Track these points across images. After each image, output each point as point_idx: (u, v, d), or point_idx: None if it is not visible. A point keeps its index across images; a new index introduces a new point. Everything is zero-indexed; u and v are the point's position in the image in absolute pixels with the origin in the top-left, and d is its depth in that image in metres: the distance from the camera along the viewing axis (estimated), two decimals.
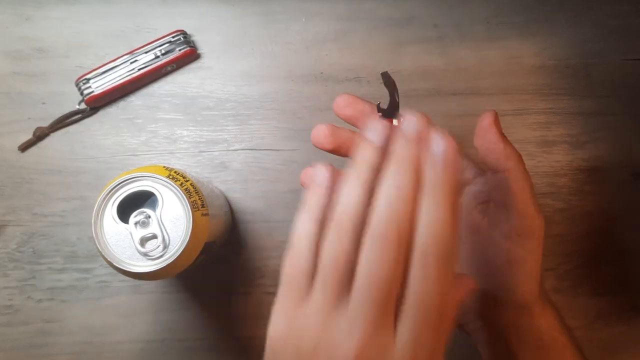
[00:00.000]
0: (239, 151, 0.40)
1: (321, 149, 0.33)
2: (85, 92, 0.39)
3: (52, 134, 0.40)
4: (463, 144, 0.33)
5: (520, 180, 0.29)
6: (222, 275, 0.39)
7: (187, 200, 0.27)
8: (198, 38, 0.42)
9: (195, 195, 0.28)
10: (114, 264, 0.26)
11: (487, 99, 0.42)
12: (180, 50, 0.40)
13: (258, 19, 0.42)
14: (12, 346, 0.37)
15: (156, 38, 0.40)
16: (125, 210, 0.27)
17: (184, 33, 0.41)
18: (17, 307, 0.37)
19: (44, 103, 0.40)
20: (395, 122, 0.31)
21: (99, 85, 0.39)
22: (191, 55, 0.41)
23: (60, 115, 0.39)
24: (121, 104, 0.41)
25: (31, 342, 0.37)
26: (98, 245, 0.26)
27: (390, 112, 0.32)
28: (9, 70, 0.40)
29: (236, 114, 0.41)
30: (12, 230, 0.38)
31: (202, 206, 0.29)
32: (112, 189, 0.27)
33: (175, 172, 0.29)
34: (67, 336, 0.37)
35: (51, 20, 0.41)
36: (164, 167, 0.29)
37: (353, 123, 0.33)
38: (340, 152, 0.33)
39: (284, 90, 0.41)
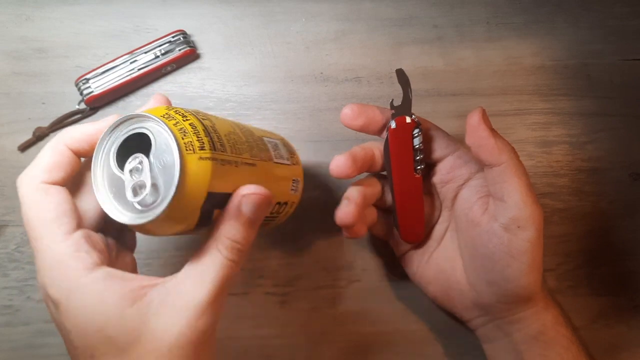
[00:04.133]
0: None
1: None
2: (85, 92, 0.39)
3: (51, 134, 0.40)
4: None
5: (515, 172, 0.29)
6: None
7: (176, 142, 0.23)
8: (198, 38, 0.42)
9: (192, 136, 0.24)
10: (107, 213, 0.24)
11: (486, 100, 0.42)
12: (180, 50, 0.40)
13: (258, 19, 0.42)
14: (12, 346, 0.37)
15: (156, 38, 0.40)
16: (126, 156, 0.24)
17: (183, 33, 0.41)
18: (17, 307, 0.37)
19: (43, 103, 0.40)
20: (408, 119, 0.31)
21: (98, 85, 0.39)
22: (191, 55, 0.41)
23: (60, 115, 0.39)
24: (121, 104, 0.40)
25: (31, 343, 0.37)
26: (96, 194, 0.24)
27: (403, 108, 0.32)
28: (9, 70, 0.40)
29: (236, 114, 0.41)
30: (12, 230, 0.38)
31: (202, 148, 0.24)
32: (107, 134, 0.24)
33: (175, 110, 0.25)
34: None
35: (51, 20, 0.41)
36: (166, 106, 0.26)
37: (366, 130, 0.33)
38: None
39: (284, 91, 0.41)
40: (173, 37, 0.40)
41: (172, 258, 0.38)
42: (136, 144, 0.24)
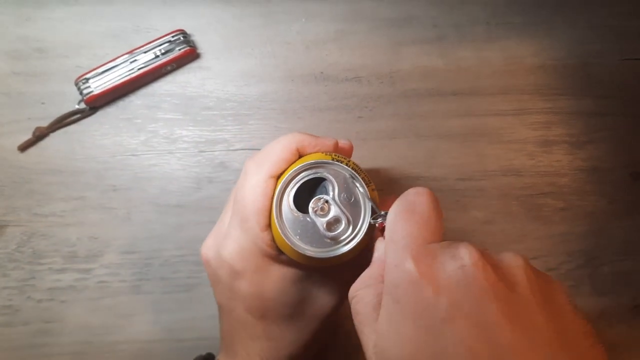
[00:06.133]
0: (239, 151, 0.40)
1: None
2: (85, 91, 0.39)
3: (51, 134, 0.40)
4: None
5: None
6: None
7: (363, 179, 0.26)
8: (198, 38, 0.42)
9: (362, 173, 0.27)
10: (315, 256, 0.26)
11: (487, 99, 0.42)
12: (179, 49, 0.40)
13: (258, 19, 0.42)
14: (12, 346, 0.37)
15: (156, 38, 0.40)
16: (295, 202, 0.27)
17: (183, 33, 0.41)
18: (17, 307, 0.37)
19: (43, 103, 0.40)
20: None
21: (98, 85, 0.39)
22: (191, 55, 0.41)
23: (59, 115, 0.39)
24: (121, 103, 0.40)
25: (31, 342, 0.37)
26: (293, 246, 0.26)
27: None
28: (9, 70, 0.40)
29: (236, 113, 0.41)
30: (12, 230, 0.38)
31: (370, 182, 0.27)
32: (285, 184, 0.26)
33: (335, 154, 0.28)
34: (67, 336, 0.37)
35: (51, 20, 0.41)
36: (323, 152, 0.29)
37: None
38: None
39: (284, 90, 0.41)
40: (173, 36, 0.40)
41: (172, 258, 0.38)
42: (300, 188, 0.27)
